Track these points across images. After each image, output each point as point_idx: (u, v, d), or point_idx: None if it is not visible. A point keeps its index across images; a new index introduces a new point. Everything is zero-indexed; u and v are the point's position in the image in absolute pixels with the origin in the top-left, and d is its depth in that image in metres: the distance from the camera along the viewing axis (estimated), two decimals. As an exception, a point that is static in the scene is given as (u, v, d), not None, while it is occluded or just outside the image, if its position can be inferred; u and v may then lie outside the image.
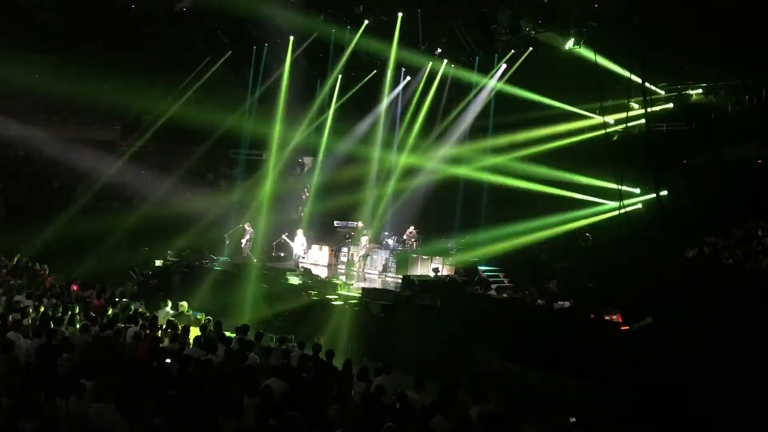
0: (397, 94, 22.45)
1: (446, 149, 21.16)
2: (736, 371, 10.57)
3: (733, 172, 16.11)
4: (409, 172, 21.70)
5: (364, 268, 19.44)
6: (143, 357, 9.58)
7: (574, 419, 8.11)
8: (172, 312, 13.30)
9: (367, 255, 19.48)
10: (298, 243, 20.44)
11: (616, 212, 14.43)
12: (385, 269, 19.94)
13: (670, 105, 17.75)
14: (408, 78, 22.13)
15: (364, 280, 18.88)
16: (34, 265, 16.75)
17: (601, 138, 16.34)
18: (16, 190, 24.46)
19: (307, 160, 25.40)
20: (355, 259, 19.72)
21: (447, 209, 20.94)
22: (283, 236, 20.80)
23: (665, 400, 10.75)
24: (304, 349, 10.58)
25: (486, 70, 20.26)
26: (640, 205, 16.95)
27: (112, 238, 21.46)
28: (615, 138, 17.27)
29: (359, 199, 21.61)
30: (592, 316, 13.25)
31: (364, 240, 19.23)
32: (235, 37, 22.54)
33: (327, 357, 10.20)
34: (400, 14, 19.26)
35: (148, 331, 10.73)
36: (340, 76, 22.63)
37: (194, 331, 11.31)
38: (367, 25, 19.96)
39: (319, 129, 23.58)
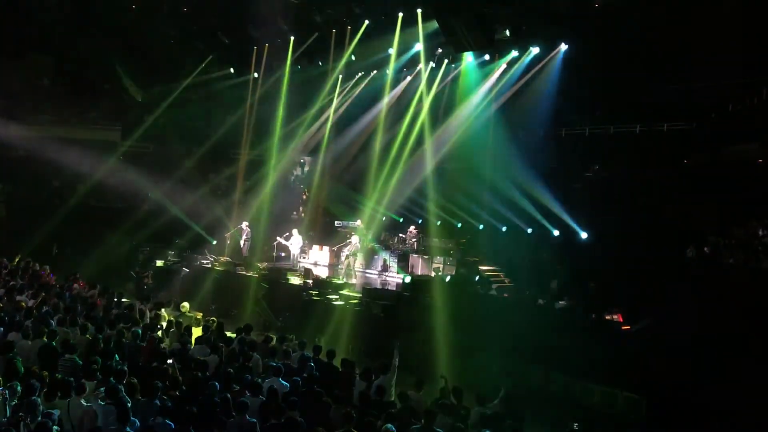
0: (398, 93, 22.37)
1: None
2: (738, 371, 10.56)
3: (733, 172, 16.09)
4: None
5: (352, 265, 19.38)
6: (145, 357, 9.59)
7: (577, 425, 8.07)
8: (173, 312, 13.31)
9: (350, 254, 19.42)
10: (296, 243, 20.44)
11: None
12: (384, 269, 19.92)
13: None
14: (408, 78, 22.05)
15: (354, 277, 18.86)
16: (34, 265, 16.74)
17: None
18: (17, 190, 24.45)
19: (308, 159, 25.39)
20: (342, 257, 19.78)
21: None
22: (279, 238, 20.76)
23: (667, 400, 10.75)
24: (305, 350, 10.60)
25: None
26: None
27: (113, 238, 21.49)
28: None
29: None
30: (593, 316, 13.25)
31: (354, 240, 19.35)
32: (235, 38, 22.52)
33: (328, 357, 10.22)
34: (400, 14, 19.27)
35: (149, 332, 10.74)
36: (340, 76, 22.61)
37: (196, 332, 11.32)
38: (367, 25, 19.99)
39: (320, 129, 23.60)
